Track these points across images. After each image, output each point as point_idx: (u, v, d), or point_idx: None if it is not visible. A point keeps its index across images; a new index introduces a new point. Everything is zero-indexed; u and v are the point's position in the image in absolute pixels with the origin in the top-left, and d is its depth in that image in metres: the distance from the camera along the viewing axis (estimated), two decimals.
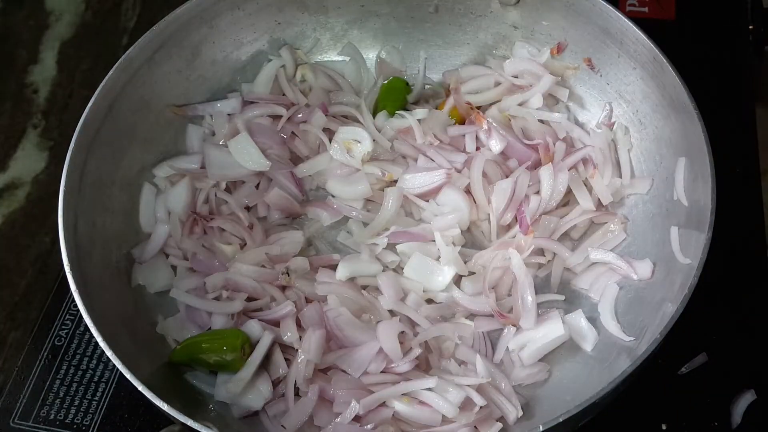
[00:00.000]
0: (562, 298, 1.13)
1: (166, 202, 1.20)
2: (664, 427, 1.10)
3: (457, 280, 1.15)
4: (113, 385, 1.18)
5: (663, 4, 1.52)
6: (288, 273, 1.13)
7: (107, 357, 0.94)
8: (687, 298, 0.93)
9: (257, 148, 1.20)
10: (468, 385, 1.02)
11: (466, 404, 1.01)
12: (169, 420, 0.92)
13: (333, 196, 1.24)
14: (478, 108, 1.26)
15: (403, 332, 1.07)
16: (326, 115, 1.26)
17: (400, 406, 1.01)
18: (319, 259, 1.18)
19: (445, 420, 1.00)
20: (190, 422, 0.88)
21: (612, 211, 1.18)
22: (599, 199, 1.18)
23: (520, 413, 1.02)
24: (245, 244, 1.18)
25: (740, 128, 1.35)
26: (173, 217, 1.19)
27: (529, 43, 1.29)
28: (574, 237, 1.19)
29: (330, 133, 1.26)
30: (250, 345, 1.06)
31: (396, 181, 1.21)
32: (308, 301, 1.13)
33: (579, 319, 1.09)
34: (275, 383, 1.06)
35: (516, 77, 1.27)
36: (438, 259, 1.14)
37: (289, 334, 1.07)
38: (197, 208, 1.20)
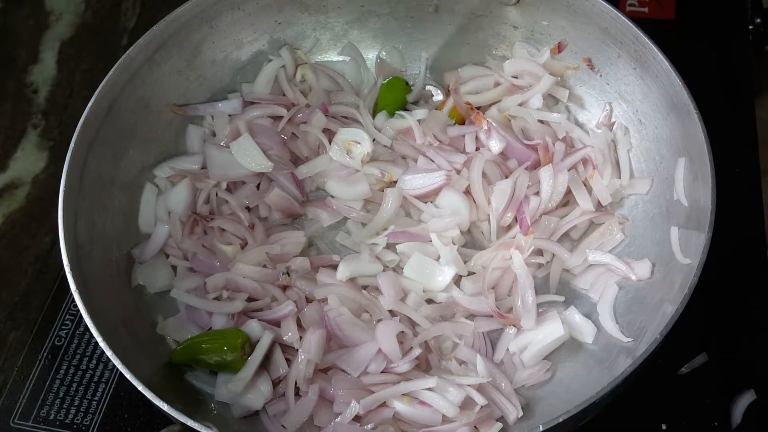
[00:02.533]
0: (562, 299, 1.13)
1: (166, 202, 1.20)
2: (664, 427, 1.10)
3: (457, 280, 1.15)
4: (113, 385, 1.18)
5: (663, 4, 1.52)
6: (288, 273, 1.13)
7: (107, 357, 0.94)
8: (687, 298, 0.93)
9: (259, 150, 1.20)
10: (468, 385, 1.02)
11: (466, 404, 1.01)
12: (169, 420, 0.92)
13: (333, 197, 1.24)
14: (478, 108, 1.26)
15: (402, 332, 1.07)
16: (326, 115, 1.26)
17: (400, 406, 1.01)
18: (320, 259, 1.18)
19: (445, 420, 1.00)
20: (190, 422, 0.89)
21: (611, 212, 1.18)
22: (599, 200, 1.18)
23: (521, 413, 1.02)
24: (246, 245, 1.18)
25: (740, 128, 1.35)
26: (173, 217, 1.19)
27: (529, 43, 1.29)
28: (574, 237, 1.19)
29: (330, 134, 1.26)
30: (251, 345, 1.06)
31: (396, 182, 1.21)
32: (308, 301, 1.13)
33: (573, 315, 1.10)
34: (275, 383, 1.06)
35: (516, 77, 1.27)
36: (438, 259, 1.14)
37: (289, 334, 1.07)
38: (197, 208, 1.20)
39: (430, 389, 1.01)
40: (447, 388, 1.02)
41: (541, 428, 0.88)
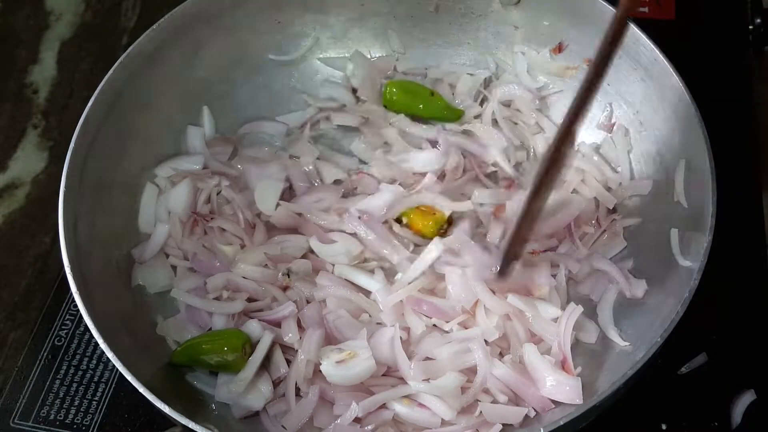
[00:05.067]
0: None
1: (166, 202, 1.20)
2: (664, 427, 1.10)
3: None
4: (113, 385, 1.17)
5: (663, 4, 1.52)
6: (288, 274, 1.13)
7: (107, 357, 0.94)
8: (687, 301, 0.92)
9: (276, 200, 1.21)
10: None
11: (468, 407, 1.01)
12: (170, 421, 0.92)
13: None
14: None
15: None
16: None
17: (399, 408, 1.01)
18: (321, 261, 1.17)
19: (445, 422, 1.00)
20: (191, 424, 0.88)
21: (613, 215, 1.18)
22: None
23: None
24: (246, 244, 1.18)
25: (740, 129, 1.34)
26: (173, 217, 1.18)
27: (529, 44, 1.29)
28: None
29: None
30: (251, 345, 1.06)
31: None
32: (308, 302, 1.13)
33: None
34: (276, 383, 1.06)
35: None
36: None
37: (290, 334, 1.07)
38: (198, 208, 1.20)
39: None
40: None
41: (542, 430, 0.88)
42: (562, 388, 0.99)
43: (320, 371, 1.05)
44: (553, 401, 1.00)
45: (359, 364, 1.02)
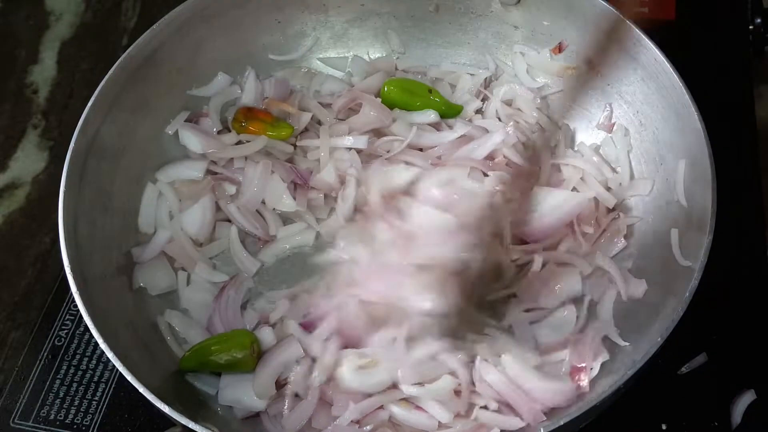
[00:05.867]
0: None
1: (180, 223, 1.20)
2: (664, 427, 1.10)
3: None
4: (113, 385, 1.17)
5: (663, 4, 1.52)
6: None
7: (107, 357, 0.94)
8: (687, 301, 0.92)
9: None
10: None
11: (466, 411, 1.00)
12: (170, 421, 0.92)
13: None
14: None
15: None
16: None
17: (396, 410, 1.00)
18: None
19: (442, 425, 0.99)
20: (191, 424, 0.88)
21: (613, 215, 1.18)
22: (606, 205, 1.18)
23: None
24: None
25: (740, 129, 1.34)
26: (184, 234, 1.19)
27: (528, 44, 1.29)
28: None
29: None
30: (259, 344, 1.07)
31: None
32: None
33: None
34: (279, 384, 1.06)
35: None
36: None
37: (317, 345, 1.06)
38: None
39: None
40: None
41: (542, 430, 0.88)
42: (550, 394, 0.98)
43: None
44: (545, 413, 0.99)
45: (380, 374, 1.00)
